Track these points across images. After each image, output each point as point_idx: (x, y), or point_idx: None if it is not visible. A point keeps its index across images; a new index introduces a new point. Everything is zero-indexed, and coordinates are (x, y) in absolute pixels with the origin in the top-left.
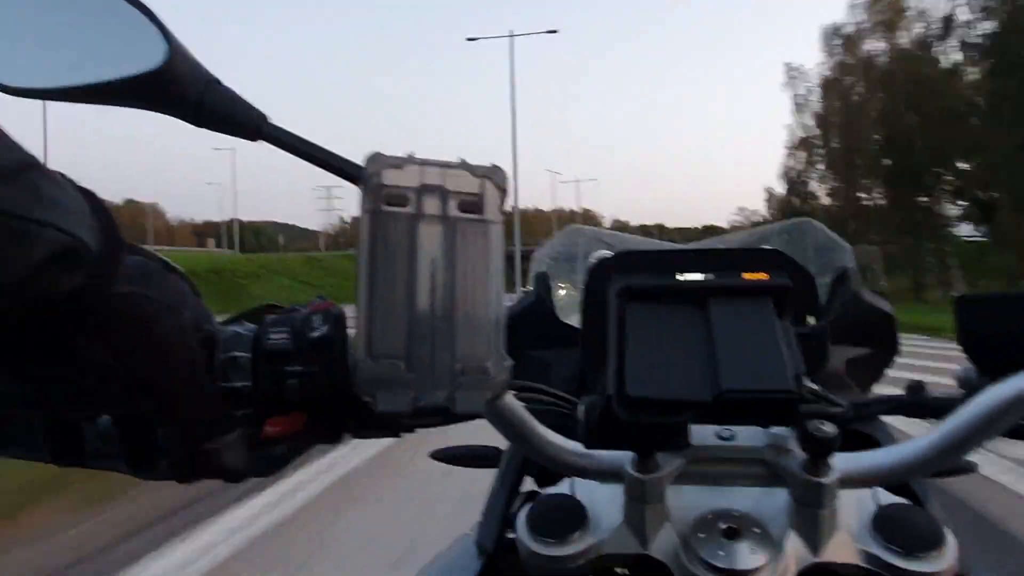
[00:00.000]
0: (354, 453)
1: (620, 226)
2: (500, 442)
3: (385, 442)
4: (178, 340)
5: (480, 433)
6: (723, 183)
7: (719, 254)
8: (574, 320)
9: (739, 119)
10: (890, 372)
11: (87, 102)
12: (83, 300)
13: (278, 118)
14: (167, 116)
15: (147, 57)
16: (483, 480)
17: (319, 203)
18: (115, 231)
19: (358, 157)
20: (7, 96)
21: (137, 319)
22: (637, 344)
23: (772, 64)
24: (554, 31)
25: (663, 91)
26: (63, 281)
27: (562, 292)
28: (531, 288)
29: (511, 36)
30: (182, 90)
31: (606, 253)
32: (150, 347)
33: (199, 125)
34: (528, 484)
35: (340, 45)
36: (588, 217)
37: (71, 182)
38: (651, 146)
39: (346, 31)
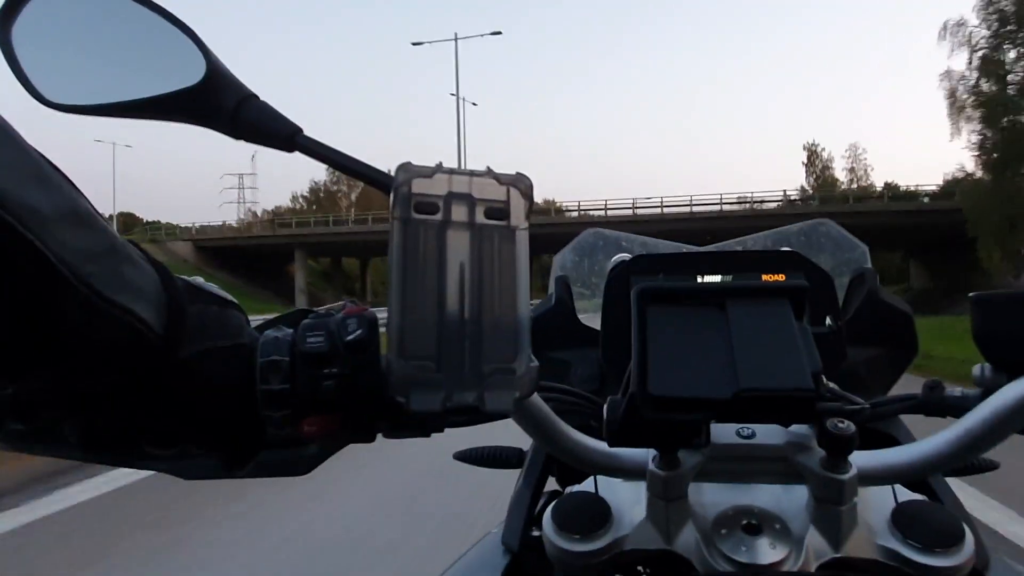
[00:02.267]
0: None
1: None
2: (521, 443)
3: None
4: (234, 384)
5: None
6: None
7: (736, 256)
8: (594, 322)
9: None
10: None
11: (129, 117)
12: (149, 377)
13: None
14: (206, 129)
15: (187, 74)
16: None
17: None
18: (182, 303)
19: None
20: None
21: (196, 380)
22: (658, 345)
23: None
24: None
25: (619, 76)
26: (126, 362)
27: (582, 294)
28: (551, 291)
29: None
30: (220, 105)
31: (625, 256)
32: (205, 400)
33: (236, 137)
34: (551, 484)
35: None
36: (543, 210)
37: (147, 257)
38: (608, 131)
39: None
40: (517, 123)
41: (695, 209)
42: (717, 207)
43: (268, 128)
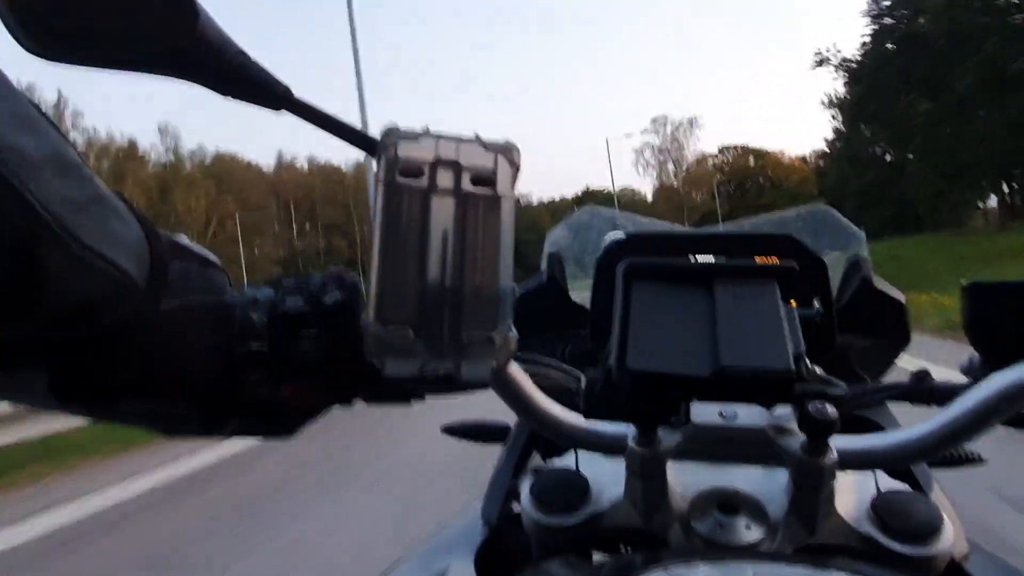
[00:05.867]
0: None
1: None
2: (511, 419)
3: None
4: (213, 342)
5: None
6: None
7: (730, 238)
8: (585, 300)
9: None
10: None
11: (116, 69)
12: (128, 330)
13: None
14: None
15: (177, 29)
16: None
17: None
18: (164, 257)
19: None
20: None
21: (175, 334)
22: (640, 320)
23: None
24: None
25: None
26: (106, 313)
27: (574, 272)
28: (543, 268)
29: None
30: (210, 61)
31: (619, 234)
32: (183, 355)
33: (224, 95)
34: (536, 460)
35: None
36: None
37: (131, 209)
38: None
39: None
40: None
41: None
42: None
43: (258, 87)
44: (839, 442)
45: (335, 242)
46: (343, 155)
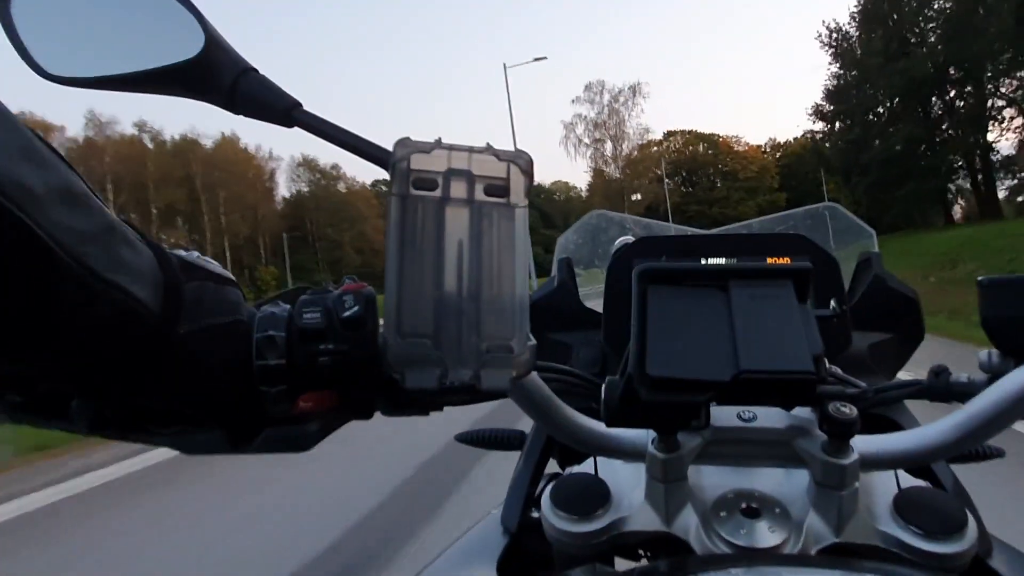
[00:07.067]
0: None
1: None
2: (524, 427)
3: None
4: (232, 360)
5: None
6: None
7: (741, 240)
8: (596, 305)
9: None
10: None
11: (126, 90)
12: (147, 356)
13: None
14: (203, 103)
15: (185, 47)
16: None
17: None
18: (178, 282)
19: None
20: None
21: (194, 357)
22: (658, 325)
23: None
24: None
25: None
26: (123, 342)
27: (584, 277)
28: (554, 273)
29: None
30: (218, 78)
31: (628, 239)
32: (204, 377)
33: (235, 112)
34: (552, 467)
35: None
36: None
37: (143, 237)
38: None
39: None
40: None
41: None
42: None
43: (267, 102)
44: (860, 442)
45: (171, 235)
46: (191, 123)
